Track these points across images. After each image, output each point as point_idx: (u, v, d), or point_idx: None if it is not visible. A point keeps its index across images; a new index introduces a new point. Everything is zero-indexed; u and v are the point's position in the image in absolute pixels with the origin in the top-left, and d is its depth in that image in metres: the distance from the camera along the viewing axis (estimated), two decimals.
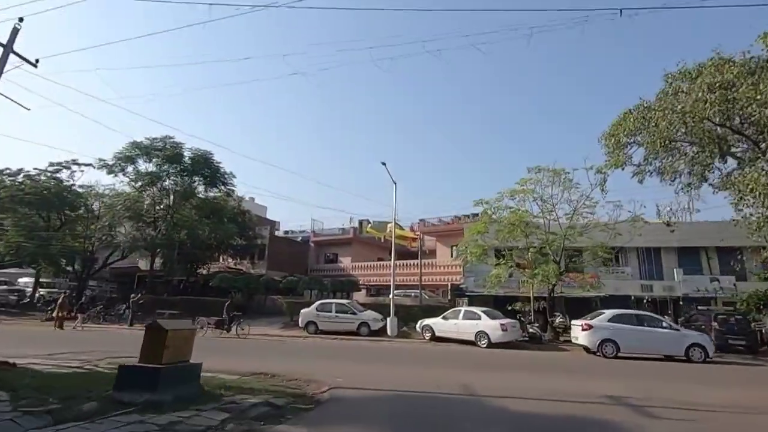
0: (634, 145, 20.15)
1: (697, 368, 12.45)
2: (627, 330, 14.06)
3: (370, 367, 10.89)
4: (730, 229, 28.08)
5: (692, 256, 28.37)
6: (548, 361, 13.34)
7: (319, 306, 20.01)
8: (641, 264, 28.50)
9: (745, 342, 16.72)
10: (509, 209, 18.35)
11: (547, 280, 16.87)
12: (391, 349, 15.20)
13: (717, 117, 15.91)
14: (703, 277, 27.04)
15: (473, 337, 16.80)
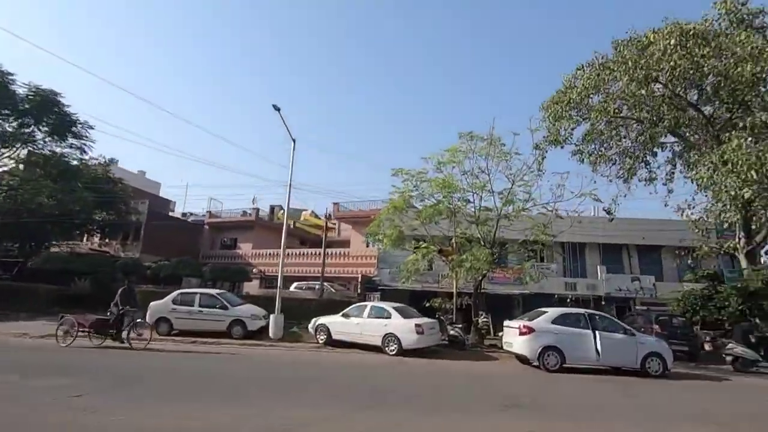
0: (577, 118, 17.49)
1: (663, 387, 9.48)
2: (575, 335, 10.86)
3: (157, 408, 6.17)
4: (651, 228, 27.64)
5: (615, 254, 27.23)
6: (480, 380, 9.57)
7: (176, 297, 14.65)
8: (566, 261, 26.74)
9: (687, 348, 14.64)
10: (435, 182, 14.52)
11: (476, 269, 13.30)
12: (252, 363, 10.42)
13: (681, 83, 13.54)
14: (624, 276, 25.88)
15: (380, 341, 12.76)
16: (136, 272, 22.54)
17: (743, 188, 10.48)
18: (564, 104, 16.09)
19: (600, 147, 19.91)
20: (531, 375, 10.27)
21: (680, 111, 14.82)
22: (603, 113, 15.22)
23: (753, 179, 10.19)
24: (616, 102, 14.85)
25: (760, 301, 15.07)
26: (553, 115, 16.85)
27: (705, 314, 16.61)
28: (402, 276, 15.07)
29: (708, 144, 14.58)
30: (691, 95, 14.88)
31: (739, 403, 8.19)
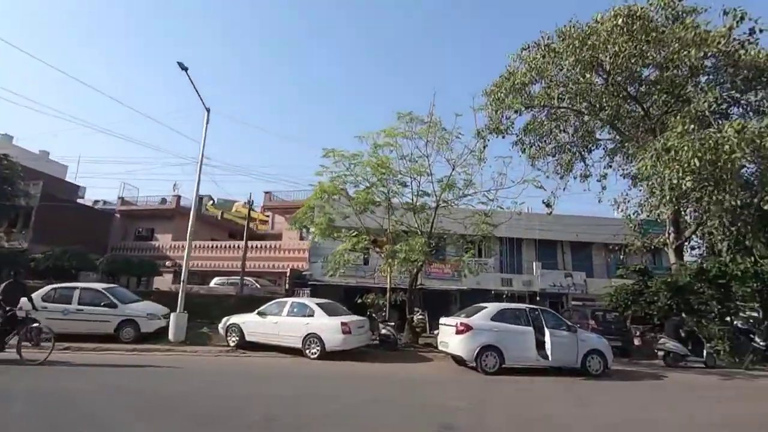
0: (519, 107, 16.81)
1: (611, 390, 8.68)
2: (515, 333, 9.85)
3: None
4: (584, 225, 28.24)
5: (550, 250, 27.44)
6: (409, 389, 8.17)
7: (49, 293, 11.93)
8: (503, 256, 26.51)
9: (621, 343, 14.38)
10: (369, 164, 12.97)
11: (412, 260, 11.96)
12: (112, 377, 8.28)
13: (623, 72, 13.10)
14: (558, 272, 26.13)
15: (300, 343, 11.05)
16: (18, 264, 18.85)
17: (685, 177, 10.09)
18: (508, 88, 15.27)
19: (539, 140, 19.56)
20: (468, 379, 9.08)
21: (620, 100, 14.52)
22: (546, 99, 14.58)
23: (695, 167, 9.80)
24: (559, 88, 14.26)
25: (687, 296, 15.21)
26: (496, 102, 16.04)
27: (635, 309, 16.63)
28: (330, 268, 13.41)
29: (644, 138, 14.41)
30: (632, 88, 14.67)
31: (706, 409, 7.50)
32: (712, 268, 15.12)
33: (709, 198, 11.84)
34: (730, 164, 9.82)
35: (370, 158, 12.30)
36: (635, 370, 11.50)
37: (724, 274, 14.98)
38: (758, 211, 12.81)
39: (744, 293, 14.52)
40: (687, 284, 15.27)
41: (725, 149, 9.67)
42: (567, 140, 19.74)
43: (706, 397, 7.94)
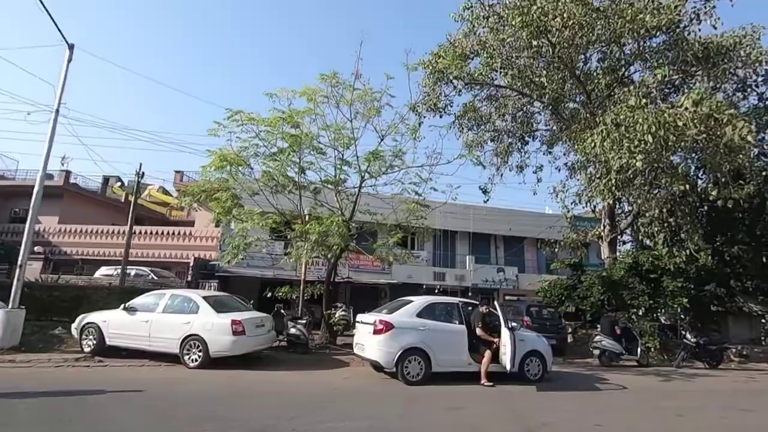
0: (458, 83, 15.34)
1: (559, 402, 7.19)
2: (445, 333, 8.15)
3: None
4: (517, 219, 27.82)
5: (483, 244, 26.64)
6: (302, 415, 6.08)
7: None
8: (436, 249, 25.26)
9: (556, 342, 13.36)
10: (287, 136, 10.60)
11: (327, 245, 9.81)
12: None
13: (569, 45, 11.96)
14: (490, 267, 25.38)
15: (177, 348, 8.57)
16: None
17: (635, 156, 9.03)
18: (448, 60, 13.66)
19: (477, 126, 18.31)
20: (385, 392, 7.20)
21: (562, 81, 13.49)
22: (487, 72, 13.17)
23: (648, 144, 8.76)
24: (501, 58, 12.88)
25: (620, 291, 14.65)
26: (434, 74, 14.41)
27: (569, 304, 15.91)
28: (227, 254, 10.90)
29: (585, 122, 13.50)
30: (577, 64, 13.72)
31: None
32: (645, 262, 14.69)
33: (650, 186, 11.03)
34: (682, 142, 8.94)
35: (286, 131, 9.97)
36: (573, 372, 10.35)
37: (657, 268, 14.59)
38: (697, 201, 12.47)
39: (674, 288, 14.15)
40: (621, 279, 14.70)
41: (678, 125, 8.75)
42: (506, 128, 18.72)
43: (666, 409, 6.71)
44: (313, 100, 11.11)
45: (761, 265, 14.58)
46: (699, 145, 9.80)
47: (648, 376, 10.26)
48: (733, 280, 15.96)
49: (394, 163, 10.66)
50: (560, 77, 13.04)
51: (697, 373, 11.35)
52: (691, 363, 12.97)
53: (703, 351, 12.76)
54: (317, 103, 11.14)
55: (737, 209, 14.95)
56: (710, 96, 9.54)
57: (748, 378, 10.76)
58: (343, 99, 11.27)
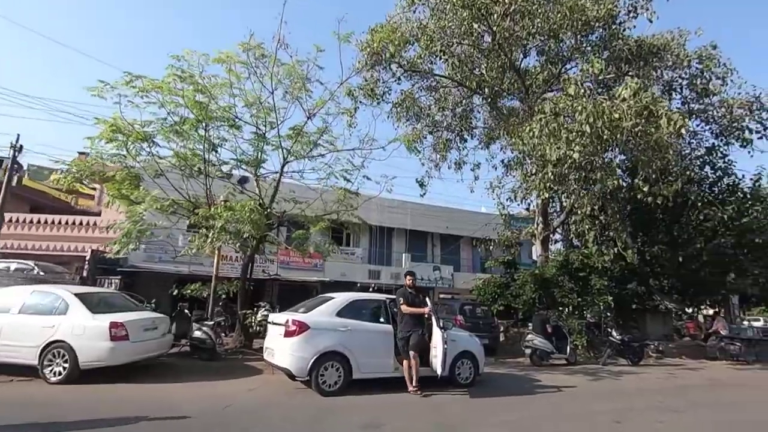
0: (397, 69, 14.55)
1: (490, 410, 6.45)
2: (370, 334, 7.19)
3: None
4: (454, 217, 27.70)
5: (420, 241, 26.17)
6: None
7: None
8: (372, 246, 24.38)
9: (489, 341, 12.94)
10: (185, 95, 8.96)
11: (237, 234, 8.38)
12: None
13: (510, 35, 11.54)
14: (427, 265, 24.94)
15: (36, 358, 6.82)
16: None
17: (573, 145, 8.69)
18: (387, 43, 12.77)
19: (416, 118, 17.64)
20: (292, 409, 6.04)
21: (502, 72, 13.14)
22: (426, 57, 12.46)
23: (586, 135, 8.43)
24: (442, 42, 12.23)
25: (551, 289, 14.62)
26: (372, 56, 13.46)
27: (503, 303, 15.68)
28: (117, 244, 9.11)
29: (523, 117, 13.25)
30: (516, 56, 13.44)
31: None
32: (575, 261, 14.79)
33: (584, 182, 10.89)
34: (618, 135, 8.75)
35: (173, 73, 8.36)
36: (506, 374, 9.84)
37: (586, 266, 14.74)
38: (627, 198, 12.64)
39: (601, 286, 14.35)
40: (552, 277, 14.67)
41: (615, 117, 8.54)
42: (445, 122, 18.26)
43: (602, 413, 6.22)
44: (233, 72, 9.62)
45: (677, 265, 15.23)
46: (632, 143, 9.75)
47: (578, 376, 10.02)
48: (652, 279, 16.63)
49: (321, 143, 9.49)
50: (499, 65, 12.66)
51: (622, 370, 11.39)
52: (615, 360, 13.15)
53: (627, 348, 12.96)
54: (237, 75, 9.67)
55: (658, 210, 15.61)
56: (646, 88, 9.51)
57: (668, 374, 10.92)
58: (267, 72, 9.87)
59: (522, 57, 13.66)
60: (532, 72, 13.57)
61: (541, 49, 12.97)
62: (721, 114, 12.90)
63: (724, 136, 13.63)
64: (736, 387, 9.08)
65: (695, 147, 14.50)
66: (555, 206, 16.52)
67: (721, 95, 12.65)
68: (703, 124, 13.92)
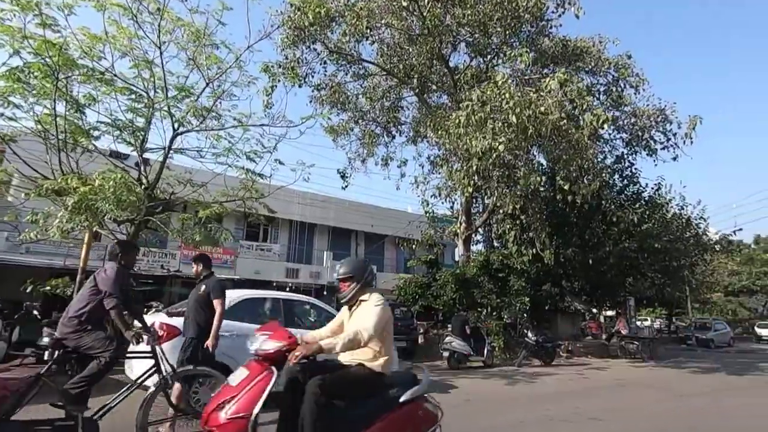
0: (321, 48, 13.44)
1: None
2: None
3: None
4: (380, 215, 27.00)
5: (344, 240, 25.11)
6: None
7: None
8: (292, 243, 22.87)
9: (406, 343, 12.28)
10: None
11: (99, 213, 6.57)
12: None
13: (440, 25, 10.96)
14: None
15: None
16: None
17: (499, 136, 8.25)
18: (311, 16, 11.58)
19: (341, 107, 16.60)
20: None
21: (430, 61, 12.60)
22: (352, 36, 11.52)
23: (512, 126, 8.01)
24: (368, 19, 11.33)
25: (471, 289, 14.37)
26: (294, 31, 12.22)
27: (423, 303, 15.17)
28: None
29: (450, 110, 12.81)
30: (445, 47, 12.97)
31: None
32: (496, 261, 14.70)
33: (508, 179, 10.62)
34: (543, 128, 8.48)
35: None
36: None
37: (505, 267, 14.72)
38: (549, 196, 12.71)
39: (519, 287, 14.39)
40: (473, 277, 14.44)
41: (541, 110, 8.25)
42: (372, 113, 17.43)
43: (521, 425, 5.62)
44: (116, 26, 7.78)
45: (587, 267, 15.79)
46: (555, 140, 9.63)
47: (494, 380, 9.65)
48: (565, 280, 17.18)
49: (223, 113, 8.02)
50: (428, 51, 12.09)
51: (536, 372, 11.30)
52: (529, 361, 13.18)
53: (541, 349, 13.03)
54: (119, 26, 7.80)
55: (573, 214, 16.11)
56: (573, 82, 9.43)
57: (579, 375, 11.00)
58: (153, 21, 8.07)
59: (451, 49, 13.28)
60: (461, 68, 13.23)
61: (470, 42, 12.66)
62: (631, 123, 13.52)
63: (632, 145, 14.35)
64: (642, 388, 9.20)
65: (606, 155, 15.16)
66: (478, 206, 16.45)
67: (632, 105, 13.26)
68: (615, 132, 14.57)
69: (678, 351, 20.82)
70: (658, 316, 36.80)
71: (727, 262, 31.91)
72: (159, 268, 17.11)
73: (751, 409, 7.26)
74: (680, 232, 17.31)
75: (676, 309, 33.93)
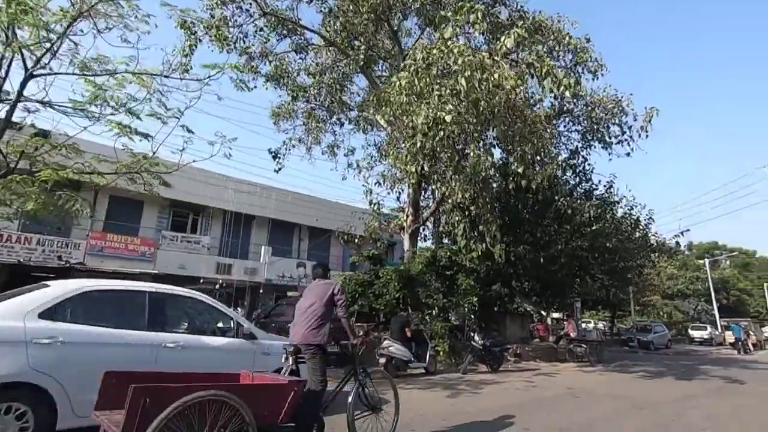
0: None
1: None
2: (110, 347, 4.26)
3: None
4: (326, 209, 25.28)
5: (286, 234, 23.18)
6: None
7: None
8: (225, 235, 20.72)
9: (338, 349, 10.74)
10: None
11: None
12: None
13: None
14: (291, 261, 22.14)
15: None
16: None
17: (446, 103, 6.99)
18: None
19: (280, 82, 14.86)
20: None
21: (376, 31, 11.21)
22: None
23: (462, 90, 6.77)
24: None
25: (416, 288, 13.11)
26: None
27: (363, 303, 13.73)
28: None
29: None
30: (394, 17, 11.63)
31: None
32: (443, 257, 13.54)
33: (456, 163, 9.42)
34: (496, 103, 7.33)
35: None
36: (350, 391, 7.64)
37: (453, 264, 13.60)
38: (497, 190, 11.72)
39: (467, 286, 13.30)
40: (418, 274, 13.18)
41: (494, 77, 7.08)
42: (315, 90, 15.79)
43: None
44: None
45: (538, 266, 15.02)
46: (509, 118, 8.51)
47: (434, 390, 8.37)
48: (515, 280, 16.36)
49: (95, 65, 6.14)
50: (372, 11, 10.63)
51: (483, 379, 10.19)
52: (475, 366, 12.11)
53: (488, 354, 11.99)
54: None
55: (525, 211, 15.28)
56: (531, 44, 8.39)
57: (527, 383, 9.98)
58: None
59: (401, 18, 11.96)
60: (411, 43, 11.95)
61: (419, 11, 11.40)
62: (587, 113, 12.82)
63: (587, 138, 13.69)
64: (598, 398, 8.26)
65: (561, 150, 14.42)
66: (428, 200, 15.26)
67: (590, 93, 12.55)
68: (570, 124, 13.87)
69: (622, 354, 20.75)
70: (601, 319, 37.56)
71: (666, 266, 32.92)
72: (56, 260, 14.59)
73: (717, 420, 6.42)
74: (629, 232, 17.00)
75: (618, 311, 34.70)
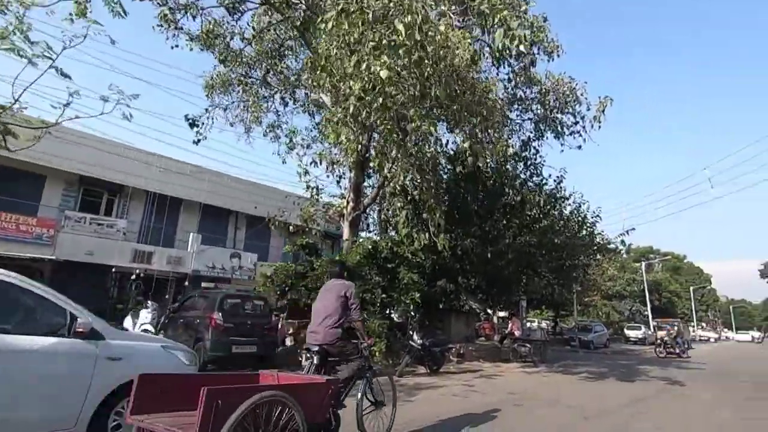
0: None
1: None
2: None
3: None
4: (267, 195, 23.38)
5: (220, 221, 21.10)
6: None
7: None
8: (146, 219, 18.44)
9: (257, 349, 9.28)
10: None
11: None
12: None
13: None
14: (224, 251, 20.16)
15: None
16: None
17: (381, 54, 5.81)
18: None
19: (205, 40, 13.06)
20: None
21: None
22: None
23: (399, 39, 5.61)
24: None
25: (354, 281, 11.83)
26: None
27: (295, 297, 12.32)
28: None
29: None
30: None
31: None
32: (384, 248, 12.39)
33: (398, 140, 8.27)
34: (441, 64, 6.24)
35: None
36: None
37: (395, 256, 12.49)
38: (447, 166, 10.71)
39: (409, 281, 12.23)
40: (357, 266, 11.94)
41: (438, 38, 5.98)
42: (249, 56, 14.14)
43: None
44: None
45: (485, 262, 14.28)
46: (457, 88, 7.47)
47: None
48: (461, 276, 15.57)
49: None
50: None
51: (419, 383, 9.14)
52: (414, 368, 11.09)
53: (427, 354, 11.00)
54: None
55: (475, 201, 14.47)
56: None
57: (468, 387, 9.04)
58: None
59: None
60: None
61: None
62: (539, 100, 12.16)
63: (540, 128, 13.05)
64: (541, 406, 7.41)
65: (513, 138, 13.71)
66: (372, 187, 14.04)
67: (545, 79, 11.88)
68: (523, 112, 13.17)
69: (564, 353, 20.66)
70: (545, 318, 38.16)
71: (608, 267, 33.82)
72: None
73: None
74: (576, 230, 16.69)
75: (561, 311, 35.33)
